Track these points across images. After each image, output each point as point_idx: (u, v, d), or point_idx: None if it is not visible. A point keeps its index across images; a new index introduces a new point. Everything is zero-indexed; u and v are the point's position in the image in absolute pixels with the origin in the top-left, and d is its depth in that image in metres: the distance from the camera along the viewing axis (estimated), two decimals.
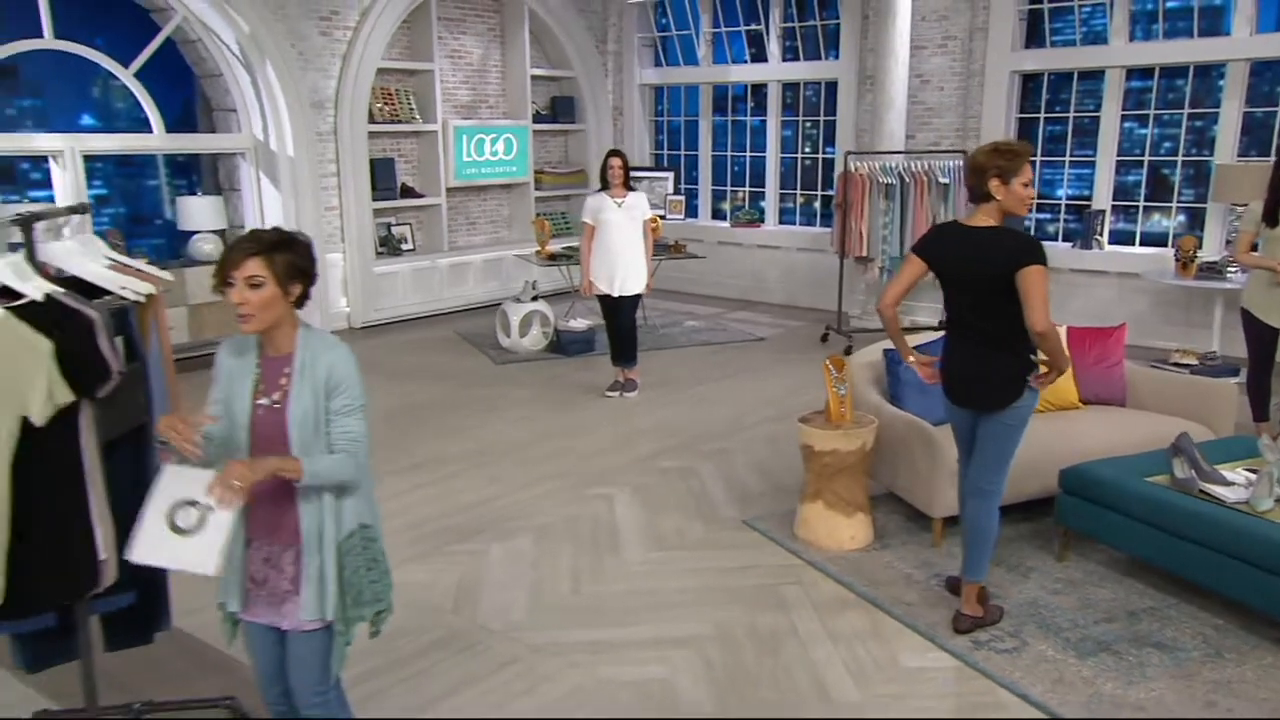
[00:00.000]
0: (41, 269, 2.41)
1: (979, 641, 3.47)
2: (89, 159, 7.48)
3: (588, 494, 5.00)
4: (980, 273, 3.26)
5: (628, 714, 3.11)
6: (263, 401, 2.22)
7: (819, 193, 10.33)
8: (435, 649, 3.49)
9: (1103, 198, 8.25)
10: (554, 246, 8.82)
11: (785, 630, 3.63)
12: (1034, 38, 8.51)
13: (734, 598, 3.88)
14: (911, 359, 3.65)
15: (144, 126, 7.96)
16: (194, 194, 8.40)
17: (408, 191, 9.58)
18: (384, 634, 2.55)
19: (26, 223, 2.38)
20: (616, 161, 6.33)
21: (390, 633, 3.20)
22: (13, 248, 2.42)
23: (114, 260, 2.64)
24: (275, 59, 8.06)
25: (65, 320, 2.26)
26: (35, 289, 2.27)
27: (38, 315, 2.26)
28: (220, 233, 7.70)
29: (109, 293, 2.52)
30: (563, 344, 7.99)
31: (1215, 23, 7.80)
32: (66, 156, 7.18)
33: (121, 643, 2.72)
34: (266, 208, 8.47)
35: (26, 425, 2.26)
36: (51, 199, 7.53)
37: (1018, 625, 3.58)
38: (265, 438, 2.22)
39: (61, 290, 2.33)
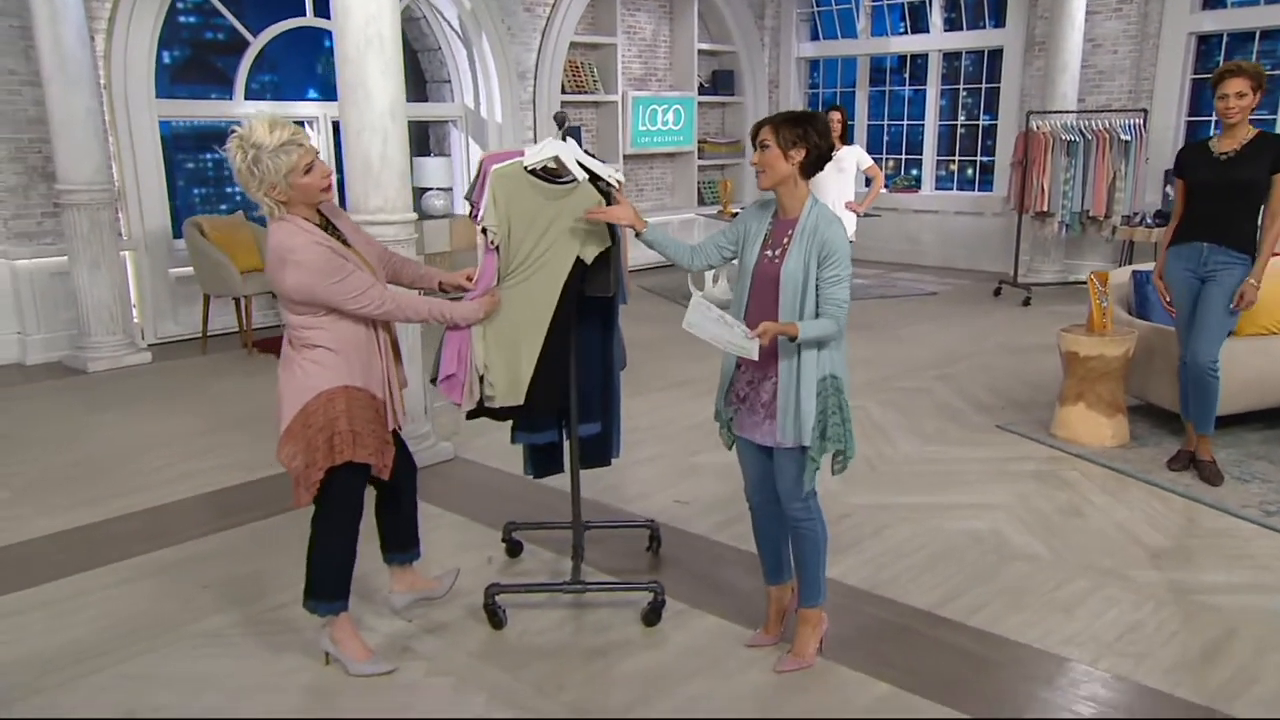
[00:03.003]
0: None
1: (1269, 511, 3.92)
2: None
3: None
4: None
5: (967, 551, 3.65)
6: (767, 253, 2.79)
7: (977, 158, 10.68)
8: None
9: None
10: (734, 208, 9.39)
11: (1079, 500, 4.13)
12: None
13: (1019, 478, 4.39)
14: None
15: None
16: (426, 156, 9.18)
17: None
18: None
19: (562, 122, 3.04)
20: (836, 115, 6.86)
21: (731, 491, 3.81)
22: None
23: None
24: (490, 33, 8.80)
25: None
26: (580, 172, 2.94)
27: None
28: (448, 190, 8.46)
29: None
30: None
31: None
32: (321, 121, 8.02)
33: (590, 463, 3.36)
34: (474, 169, 9.21)
35: None
36: None
37: None
38: (763, 281, 2.78)
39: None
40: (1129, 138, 8.20)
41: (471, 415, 3.05)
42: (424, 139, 9.62)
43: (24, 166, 6.49)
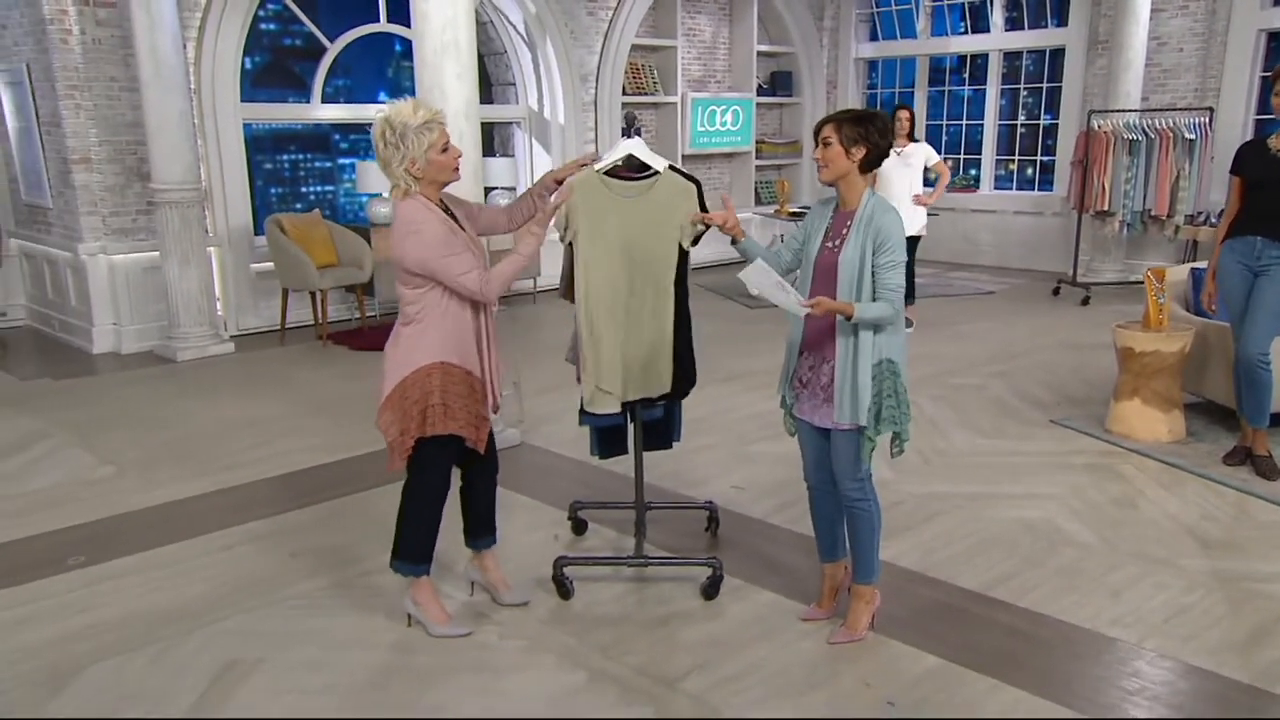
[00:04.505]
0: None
1: None
2: None
3: None
4: None
5: (1019, 538, 3.74)
6: (828, 244, 2.94)
7: (1037, 158, 10.63)
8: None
9: None
10: (791, 207, 9.50)
11: (1133, 493, 4.19)
12: None
13: (1073, 471, 4.46)
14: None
15: None
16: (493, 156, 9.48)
17: None
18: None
19: (631, 120, 3.22)
20: (905, 114, 6.95)
21: (786, 478, 3.95)
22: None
23: None
24: (554, 36, 9.05)
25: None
26: (660, 162, 3.12)
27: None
28: (511, 189, 8.73)
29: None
30: None
31: None
32: None
33: (652, 445, 3.54)
34: (536, 170, 9.49)
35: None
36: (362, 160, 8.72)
37: None
38: (823, 269, 2.94)
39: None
40: (1194, 136, 8.12)
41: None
42: (489, 140, 9.91)
43: (121, 167, 6.92)
